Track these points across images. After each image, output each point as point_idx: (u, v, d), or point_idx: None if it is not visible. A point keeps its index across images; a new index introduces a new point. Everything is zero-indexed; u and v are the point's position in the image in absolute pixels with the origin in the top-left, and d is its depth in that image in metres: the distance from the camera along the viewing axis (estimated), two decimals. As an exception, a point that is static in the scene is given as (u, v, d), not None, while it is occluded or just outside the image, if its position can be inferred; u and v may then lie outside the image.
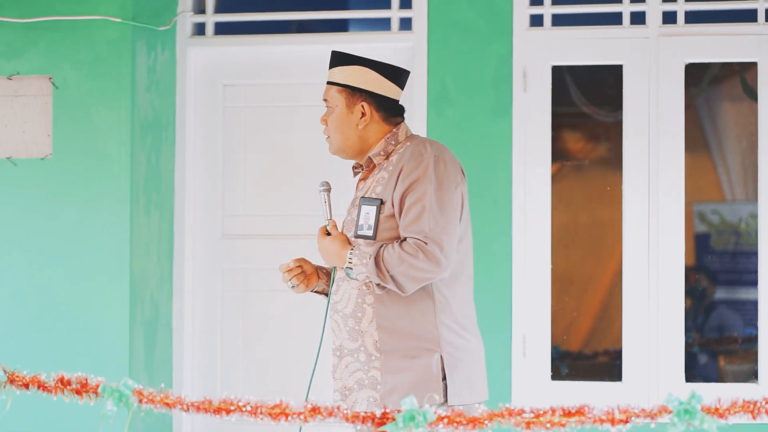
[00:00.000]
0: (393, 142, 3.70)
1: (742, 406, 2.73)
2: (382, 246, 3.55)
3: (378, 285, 3.56)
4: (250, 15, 6.17)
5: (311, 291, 3.80)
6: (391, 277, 3.53)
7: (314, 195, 4.01)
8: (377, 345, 3.59)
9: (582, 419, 2.77)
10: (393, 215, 3.61)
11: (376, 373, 3.58)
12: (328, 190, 3.73)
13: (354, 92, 3.70)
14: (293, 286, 3.75)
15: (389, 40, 5.97)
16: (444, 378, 3.57)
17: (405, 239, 3.57)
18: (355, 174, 3.78)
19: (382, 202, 3.60)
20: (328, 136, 3.73)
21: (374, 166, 3.70)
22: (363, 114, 3.69)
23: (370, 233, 3.60)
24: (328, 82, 3.73)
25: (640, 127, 5.77)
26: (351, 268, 3.58)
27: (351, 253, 3.58)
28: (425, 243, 3.52)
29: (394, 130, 3.70)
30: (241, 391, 5.91)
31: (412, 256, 3.52)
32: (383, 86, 3.70)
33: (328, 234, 3.67)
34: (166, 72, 6.01)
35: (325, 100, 3.73)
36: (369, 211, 3.61)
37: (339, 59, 3.73)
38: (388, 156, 3.68)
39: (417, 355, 3.59)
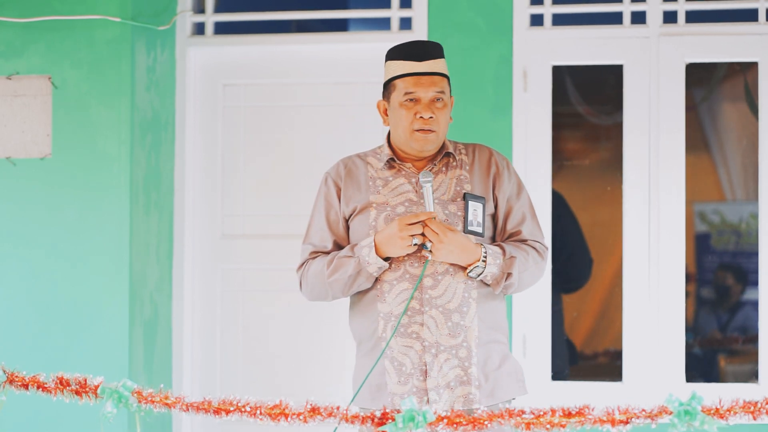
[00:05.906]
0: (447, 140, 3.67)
1: (742, 407, 2.73)
2: (505, 246, 3.54)
3: (495, 284, 3.52)
4: (249, 15, 6.16)
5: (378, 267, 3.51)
6: (520, 277, 3.53)
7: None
8: (477, 340, 3.53)
9: (582, 420, 2.76)
10: (492, 215, 3.61)
11: (475, 369, 3.52)
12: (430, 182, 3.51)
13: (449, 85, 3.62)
14: (418, 243, 3.46)
15: (389, 40, 5.95)
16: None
17: (525, 241, 3.59)
18: (392, 167, 3.60)
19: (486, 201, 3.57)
20: (435, 131, 3.52)
21: (447, 161, 3.61)
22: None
23: (480, 230, 3.52)
24: (440, 74, 3.54)
25: (641, 127, 5.76)
26: (478, 266, 3.47)
27: (485, 251, 3.48)
28: (546, 249, 3.62)
29: None
30: (240, 391, 5.90)
31: (543, 260, 3.60)
32: None
33: None
34: (165, 72, 6.01)
35: (442, 92, 3.52)
36: (476, 208, 3.52)
37: (439, 49, 3.58)
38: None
39: (507, 353, 3.62)
